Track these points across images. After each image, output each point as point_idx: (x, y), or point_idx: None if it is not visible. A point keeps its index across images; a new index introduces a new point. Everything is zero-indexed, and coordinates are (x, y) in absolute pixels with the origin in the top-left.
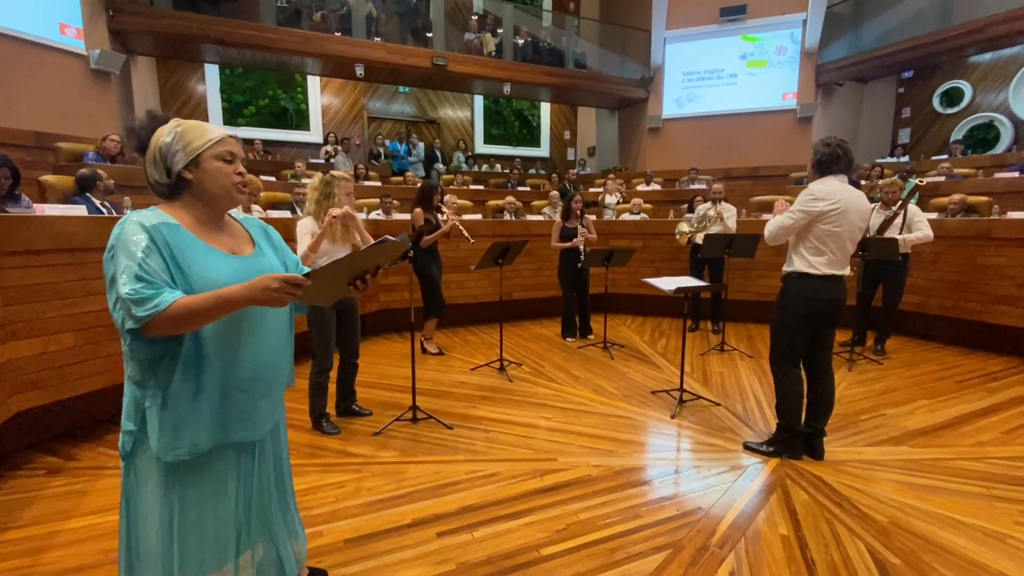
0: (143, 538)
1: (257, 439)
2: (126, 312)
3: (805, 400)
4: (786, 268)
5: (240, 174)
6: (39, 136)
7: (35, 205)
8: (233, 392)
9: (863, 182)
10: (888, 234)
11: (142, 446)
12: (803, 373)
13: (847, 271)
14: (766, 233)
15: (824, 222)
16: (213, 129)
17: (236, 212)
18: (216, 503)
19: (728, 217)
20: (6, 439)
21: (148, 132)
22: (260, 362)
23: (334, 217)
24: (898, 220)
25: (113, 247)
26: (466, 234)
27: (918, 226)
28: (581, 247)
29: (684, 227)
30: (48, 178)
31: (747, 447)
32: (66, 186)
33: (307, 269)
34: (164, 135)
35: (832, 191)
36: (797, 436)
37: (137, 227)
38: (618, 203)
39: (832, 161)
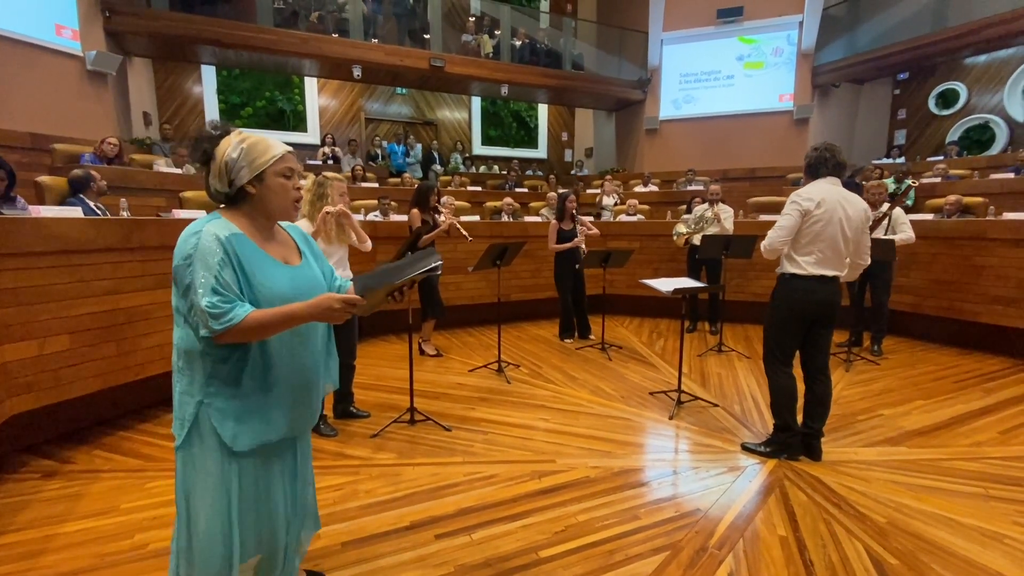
0: (202, 520)
1: (305, 433)
2: (202, 322)
3: (802, 400)
4: (778, 269)
5: (297, 188)
6: (35, 137)
7: (30, 207)
8: (297, 389)
9: (866, 183)
10: (875, 235)
11: (198, 436)
12: (798, 373)
13: (841, 272)
14: (765, 245)
15: (810, 222)
16: (275, 145)
17: None
18: (268, 494)
19: (725, 218)
20: (1, 442)
21: (213, 144)
22: (315, 361)
23: (327, 214)
24: (884, 221)
25: (190, 256)
26: (463, 232)
27: (901, 228)
28: (582, 246)
29: (681, 228)
30: (45, 179)
31: (745, 448)
32: (64, 187)
33: (339, 278)
34: (231, 149)
35: (817, 191)
36: (794, 436)
37: (214, 239)
38: (615, 204)
39: (819, 164)
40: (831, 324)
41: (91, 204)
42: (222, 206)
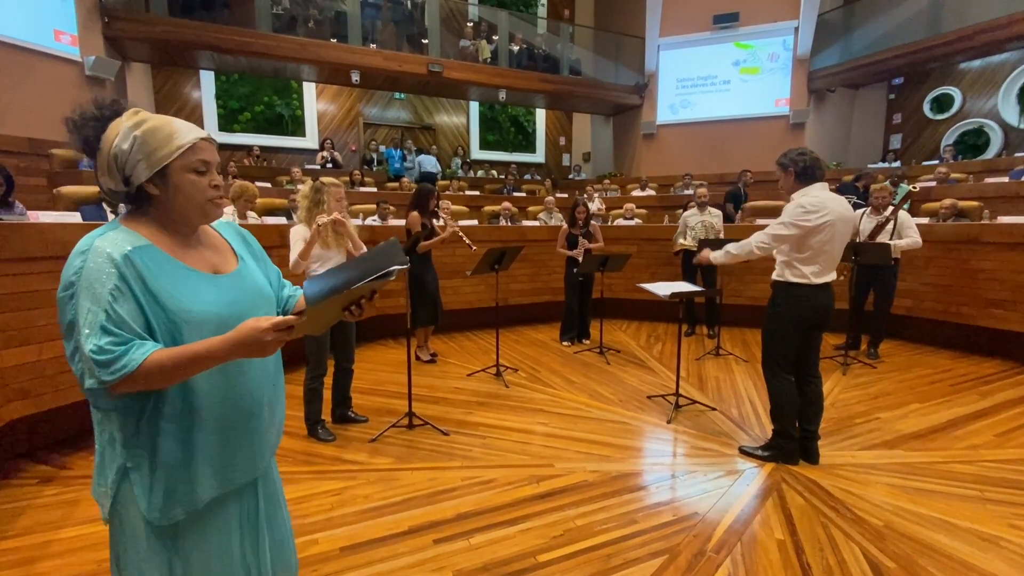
0: None
1: (260, 474)
2: (87, 370)
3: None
4: (775, 276)
5: (216, 186)
6: (33, 143)
7: (29, 212)
8: (233, 434)
9: (872, 186)
10: (879, 239)
11: (126, 501)
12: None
13: (834, 276)
14: (755, 250)
15: (817, 235)
16: (182, 131)
17: None
18: (222, 553)
19: (715, 222)
20: None
21: (98, 129)
22: (258, 390)
23: (320, 226)
24: (889, 225)
25: (73, 284)
26: (467, 241)
27: (908, 232)
28: (580, 258)
29: (682, 240)
30: (64, 189)
31: (743, 451)
32: (80, 196)
33: (289, 284)
34: (120, 139)
35: (822, 202)
36: (793, 442)
37: (106, 261)
38: (599, 209)
39: (815, 167)
40: (825, 327)
41: (108, 211)
42: (126, 210)
